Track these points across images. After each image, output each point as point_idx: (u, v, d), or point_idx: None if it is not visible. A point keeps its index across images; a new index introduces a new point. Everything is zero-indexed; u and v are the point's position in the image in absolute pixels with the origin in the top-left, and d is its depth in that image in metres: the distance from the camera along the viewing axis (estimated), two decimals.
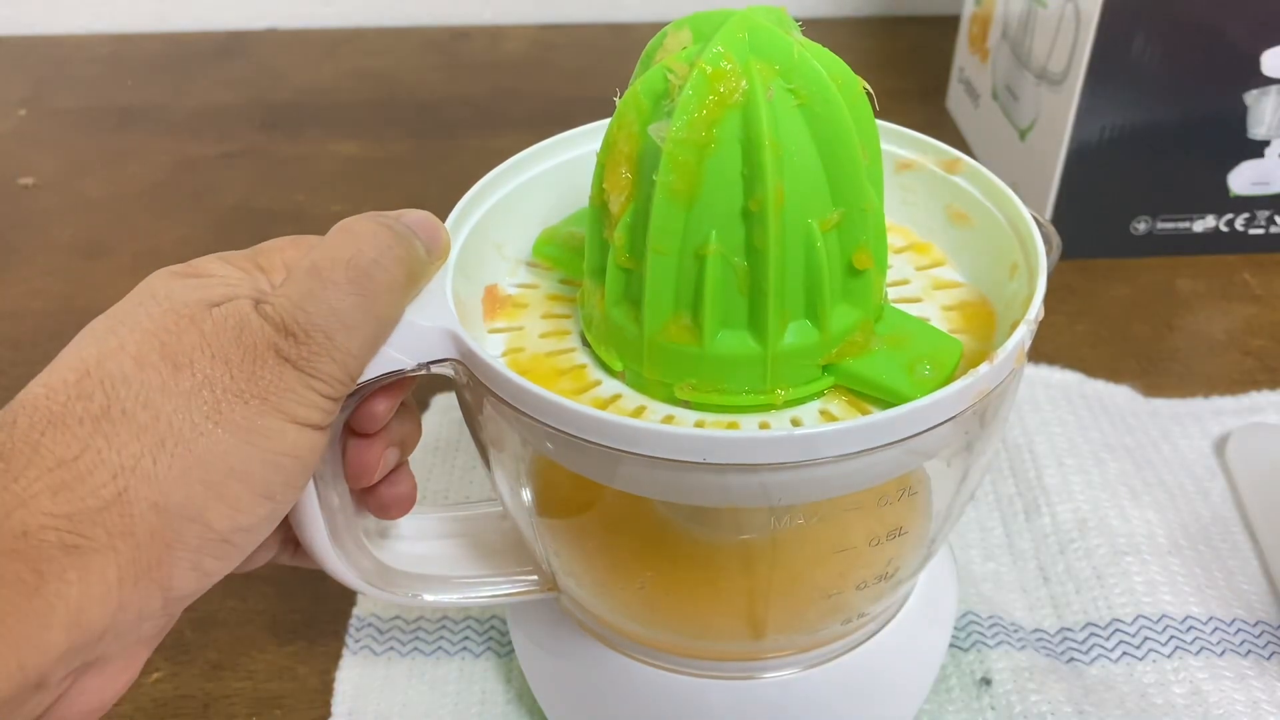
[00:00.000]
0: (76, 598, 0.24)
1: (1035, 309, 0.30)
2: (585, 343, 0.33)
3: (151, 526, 0.25)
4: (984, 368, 0.28)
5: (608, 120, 0.30)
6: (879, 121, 0.32)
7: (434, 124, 0.82)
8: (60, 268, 0.69)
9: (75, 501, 0.24)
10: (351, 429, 0.31)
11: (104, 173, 0.78)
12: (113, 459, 0.25)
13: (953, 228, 0.36)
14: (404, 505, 0.34)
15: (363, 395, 0.30)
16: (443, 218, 0.33)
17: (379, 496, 0.33)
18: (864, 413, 0.30)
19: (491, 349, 0.33)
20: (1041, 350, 0.57)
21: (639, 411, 0.31)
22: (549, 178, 0.36)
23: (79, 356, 0.26)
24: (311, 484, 0.31)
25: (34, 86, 0.88)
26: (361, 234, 0.28)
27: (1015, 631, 0.44)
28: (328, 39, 0.94)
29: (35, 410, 0.25)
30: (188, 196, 0.75)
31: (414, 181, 0.75)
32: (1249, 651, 0.43)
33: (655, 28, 0.31)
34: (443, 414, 0.55)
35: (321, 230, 0.29)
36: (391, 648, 0.45)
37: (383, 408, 0.31)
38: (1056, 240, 0.33)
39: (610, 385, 0.32)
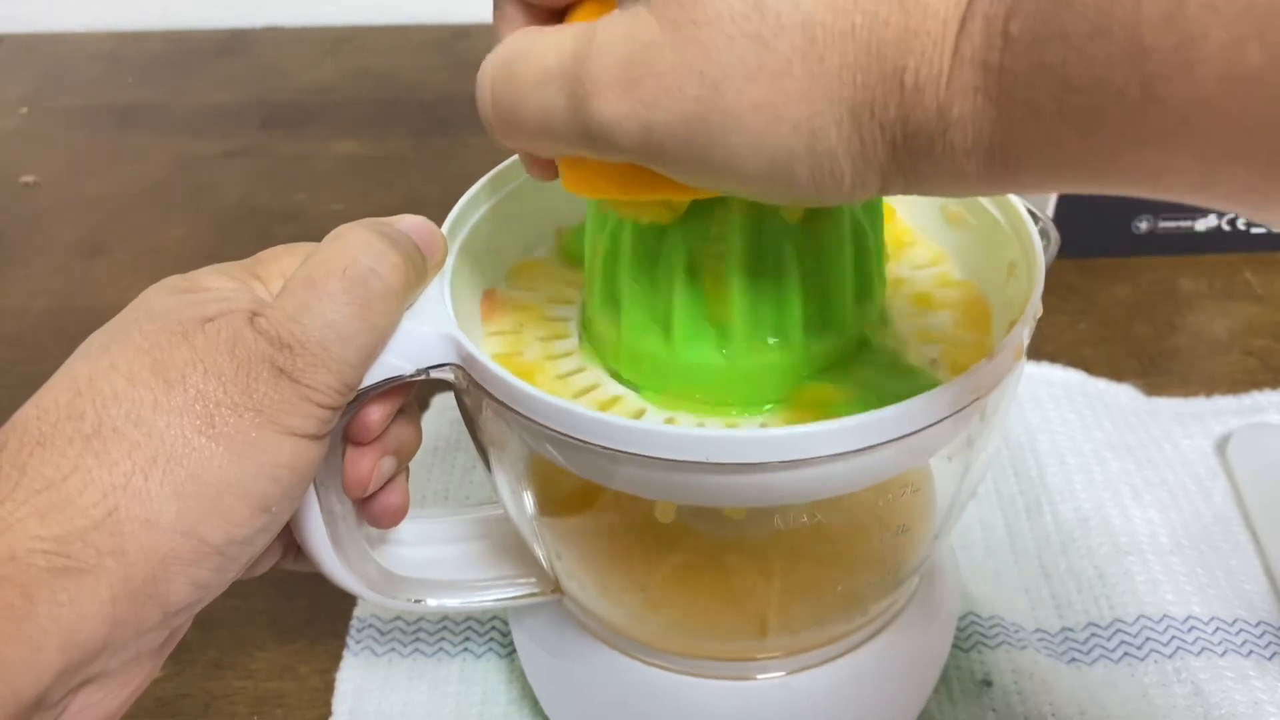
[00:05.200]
0: (69, 618, 0.24)
1: (1033, 306, 0.30)
2: (584, 345, 0.33)
3: (143, 544, 0.25)
4: (983, 364, 0.28)
5: None
6: None
7: (435, 123, 0.82)
8: (61, 266, 0.69)
9: (64, 523, 0.24)
10: (347, 437, 0.31)
11: (105, 171, 0.78)
12: (103, 478, 0.25)
13: (950, 227, 0.36)
14: (395, 517, 0.34)
15: (363, 402, 0.30)
16: (444, 217, 0.33)
17: (371, 505, 0.33)
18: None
19: (491, 352, 0.33)
20: (1043, 349, 0.57)
21: (639, 413, 0.31)
22: None
23: (71, 376, 0.26)
24: (313, 491, 0.30)
25: (35, 85, 0.88)
26: (356, 242, 0.28)
27: (1016, 632, 0.44)
28: (329, 37, 0.94)
29: (26, 432, 0.25)
30: (188, 195, 0.75)
31: (415, 181, 0.75)
32: (1250, 651, 0.43)
33: None
34: (443, 413, 0.55)
35: (322, 230, 0.29)
36: (393, 648, 0.45)
37: (377, 416, 0.31)
38: (1054, 235, 0.33)
39: (610, 387, 0.32)
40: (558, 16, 0.27)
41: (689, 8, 0.22)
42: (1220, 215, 0.63)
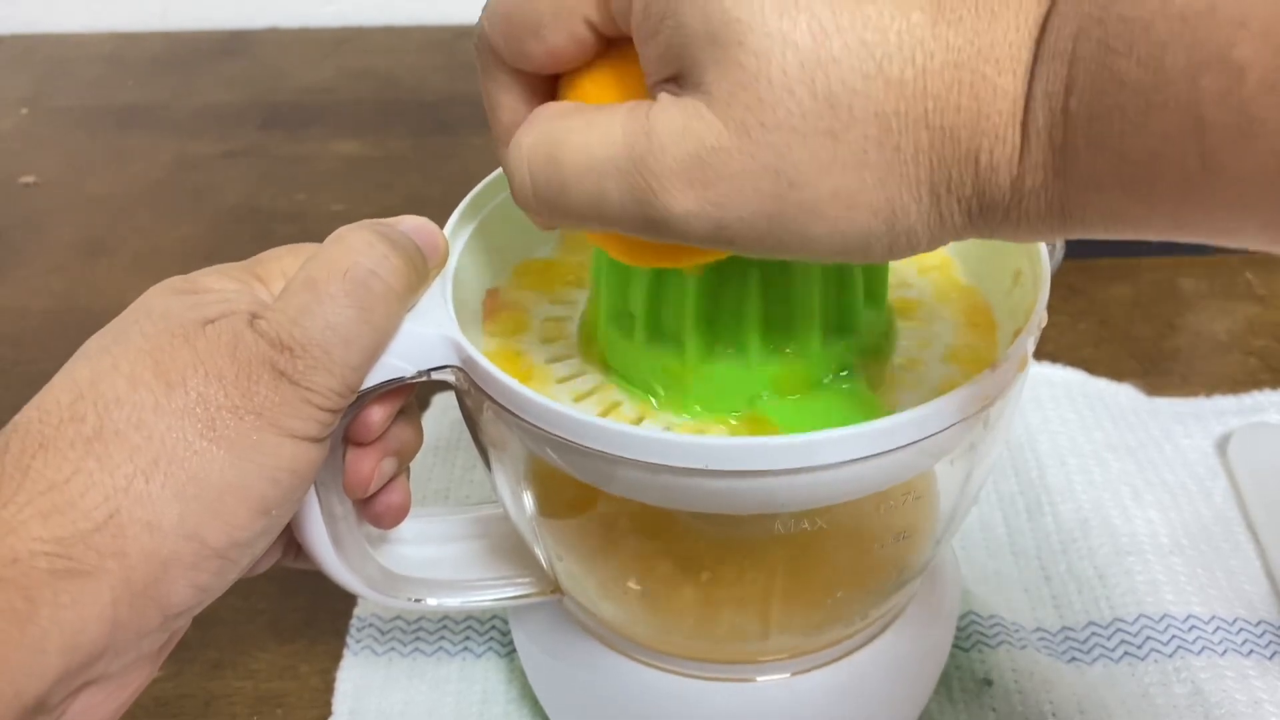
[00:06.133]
0: (71, 621, 0.24)
1: (1038, 314, 0.30)
2: (586, 348, 0.33)
3: (145, 546, 0.25)
4: (987, 373, 0.28)
5: None
6: None
7: (436, 123, 0.82)
8: (61, 266, 0.69)
9: (66, 525, 0.24)
10: (348, 437, 0.31)
11: (105, 171, 0.78)
12: (105, 480, 0.25)
13: None
14: (396, 516, 0.33)
15: (364, 403, 0.30)
16: (445, 217, 0.33)
17: (372, 505, 0.33)
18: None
19: (491, 353, 0.33)
20: (1044, 349, 0.57)
21: (640, 419, 0.31)
22: None
23: (72, 378, 0.26)
24: (313, 492, 0.30)
25: (35, 85, 0.88)
26: (357, 244, 0.28)
27: (1017, 631, 0.44)
28: (329, 37, 0.93)
29: (28, 434, 0.25)
30: (189, 195, 0.75)
31: (416, 181, 0.75)
32: (1251, 651, 0.43)
33: None
34: (443, 413, 0.55)
35: (323, 231, 0.29)
36: (393, 648, 0.45)
37: (378, 416, 0.31)
38: (1060, 244, 0.33)
39: (611, 391, 0.32)
40: (551, 83, 0.27)
41: (757, 111, 0.21)
42: None
